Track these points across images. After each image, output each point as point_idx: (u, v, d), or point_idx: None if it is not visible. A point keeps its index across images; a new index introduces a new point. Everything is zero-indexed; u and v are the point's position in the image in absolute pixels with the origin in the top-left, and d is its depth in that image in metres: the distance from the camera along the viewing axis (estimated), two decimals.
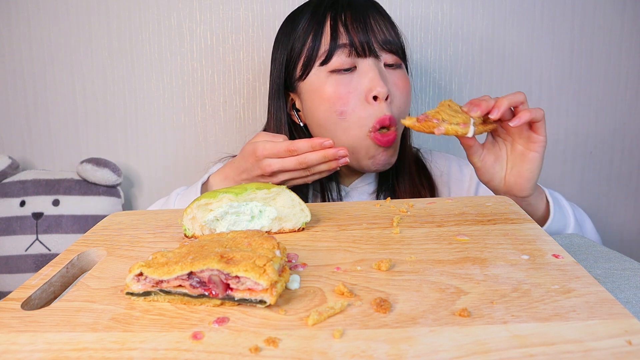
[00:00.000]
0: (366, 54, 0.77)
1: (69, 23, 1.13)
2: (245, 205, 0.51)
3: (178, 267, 0.38)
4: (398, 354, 0.31)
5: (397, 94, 0.79)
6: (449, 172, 0.91)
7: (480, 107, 0.63)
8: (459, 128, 0.62)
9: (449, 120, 0.62)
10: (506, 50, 1.12)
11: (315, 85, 0.79)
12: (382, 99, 0.75)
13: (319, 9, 0.80)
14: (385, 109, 0.76)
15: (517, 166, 0.68)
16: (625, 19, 1.11)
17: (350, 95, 0.76)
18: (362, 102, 0.76)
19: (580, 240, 0.65)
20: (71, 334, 0.35)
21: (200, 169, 1.17)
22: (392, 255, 0.45)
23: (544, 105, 1.14)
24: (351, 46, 0.76)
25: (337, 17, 0.78)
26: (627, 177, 1.18)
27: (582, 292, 0.37)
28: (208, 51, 1.13)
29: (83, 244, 0.53)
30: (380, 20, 0.79)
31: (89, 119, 1.17)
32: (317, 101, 0.79)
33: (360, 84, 0.76)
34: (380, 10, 0.81)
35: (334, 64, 0.77)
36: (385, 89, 0.75)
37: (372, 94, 0.76)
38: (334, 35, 0.77)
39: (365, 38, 0.76)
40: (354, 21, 0.77)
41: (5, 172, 1.10)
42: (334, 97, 0.77)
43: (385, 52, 0.78)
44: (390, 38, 0.79)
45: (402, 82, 0.80)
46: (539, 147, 0.66)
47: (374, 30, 0.77)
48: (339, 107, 0.77)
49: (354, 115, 0.76)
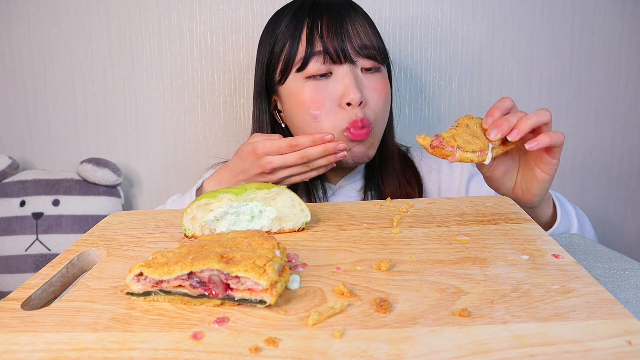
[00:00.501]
0: (341, 60, 0.78)
1: (69, 23, 1.13)
2: (245, 205, 0.51)
3: (178, 267, 0.38)
4: (398, 354, 0.31)
5: (374, 98, 0.80)
6: (439, 170, 0.92)
7: (502, 128, 0.59)
8: (475, 157, 0.58)
9: (465, 148, 0.58)
10: (506, 50, 1.12)
11: (292, 90, 0.81)
12: (355, 105, 0.77)
13: (298, 13, 0.81)
14: (358, 113, 0.77)
15: (526, 182, 0.67)
16: (625, 19, 1.11)
17: (324, 101, 0.78)
18: (335, 107, 0.78)
19: (580, 240, 0.65)
20: (71, 334, 0.35)
21: (200, 169, 1.17)
22: (392, 255, 0.45)
23: (544, 105, 1.14)
24: (326, 53, 0.77)
25: (313, 23, 0.78)
26: (626, 177, 1.18)
27: (582, 292, 0.37)
28: (208, 51, 1.13)
29: (83, 244, 0.53)
30: (359, 25, 0.79)
31: (89, 119, 1.17)
32: (295, 105, 0.81)
33: (335, 90, 0.78)
34: (359, 13, 0.82)
35: (310, 70, 0.78)
36: (359, 95, 0.76)
37: (345, 100, 0.77)
38: (309, 42, 0.78)
39: (340, 45, 0.77)
40: (329, 28, 0.78)
41: (5, 172, 1.10)
42: (309, 101, 0.79)
43: (361, 57, 0.79)
44: (367, 42, 0.79)
45: (379, 86, 0.81)
46: (551, 170, 0.65)
47: (351, 35, 0.78)
48: (313, 111, 0.79)
49: (328, 118, 0.78)
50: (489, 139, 0.60)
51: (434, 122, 1.15)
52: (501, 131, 0.59)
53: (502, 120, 0.61)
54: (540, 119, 0.61)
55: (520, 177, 0.68)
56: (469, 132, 0.60)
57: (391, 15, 1.11)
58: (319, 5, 0.80)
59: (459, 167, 0.92)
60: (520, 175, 0.68)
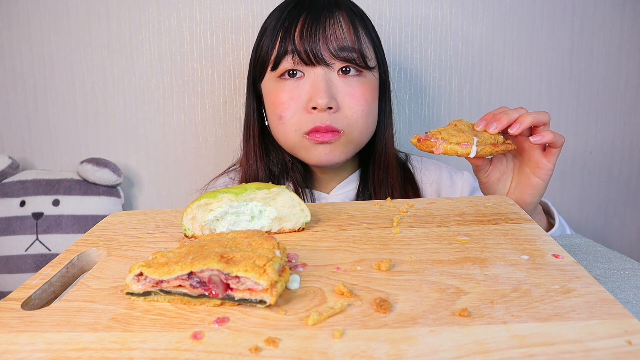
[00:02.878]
0: (312, 62, 0.76)
1: (69, 23, 1.13)
2: (245, 205, 0.51)
3: (178, 267, 0.38)
4: (398, 354, 0.31)
5: (351, 103, 0.77)
6: (439, 181, 0.91)
7: (501, 122, 0.60)
8: (459, 148, 0.59)
9: (448, 140, 0.60)
10: (506, 50, 1.12)
11: (268, 89, 0.81)
12: (321, 109, 0.75)
13: (282, 11, 0.79)
14: (324, 118, 0.76)
15: (520, 188, 0.67)
16: (625, 19, 1.11)
17: (291, 102, 0.77)
18: (301, 110, 0.77)
19: (580, 240, 0.65)
20: (71, 334, 0.35)
21: (201, 169, 1.17)
22: (392, 255, 0.45)
23: (544, 105, 1.14)
24: (296, 54, 0.76)
25: (292, 22, 0.76)
26: (626, 177, 1.18)
27: (582, 292, 0.37)
28: (208, 51, 1.13)
29: (83, 244, 0.53)
30: (339, 26, 0.76)
31: (89, 119, 1.17)
32: (268, 104, 0.81)
33: (304, 93, 0.77)
34: (345, 13, 0.78)
35: (280, 70, 0.78)
36: (326, 100, 0.74)
37: (311, 104, 0.76)
38: (282, 41, 0.76)
39: (312, 46, 0.75)
40: (304, 28, 0.75)
41: (5, 172, 1.10)
42: (276, 102, 0.78)
43: (338, 60, 0.76)
44: (346, 44, 0.75)
45: (358, 91, 0.77)
46: (545, 175, 0.65)
47: (327, 37, 0.75)
48: (279, 112, 0.78)
49: (292, 120, 0.78)
50: (489, 132, 0.61)
51: (434, 122, 1.15)
52: (500, 124, 0.60)
53: (502, 114, 0.62)
54: (540, 118, 0.61)
55: (515, 183, 0.68)
56: (456, 129, 0.62)
57: (391, 15, 1.11)
58: (301, 4, 0.78)
59: (460, 181, 0.91)
60: (515, 181, 0.68)
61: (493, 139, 0.61)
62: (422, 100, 1.15)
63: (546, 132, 0.61)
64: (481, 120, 0.63)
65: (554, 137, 0.61)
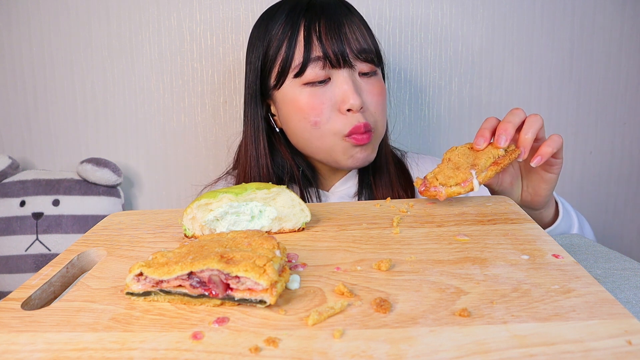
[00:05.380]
0: (340, 65, 0.76)
1: (69, 23, 1.13)
2: (245, 205, 0.51)
3: (178, 267, 0.38)
4: (398, 354, 0.31)
5: (372, 102, 0.78)
6: None
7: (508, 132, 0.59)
8: (460, 189, 0.57)
9: (447, 184, 0.57)
10: (506, 50, 1.12)
11: (289, 96, 0.79)
12: (355, 110, 0.76)
13: (292, 13, 0.78)
14: (359, 118, 0.76)
15: (534, 185, 0.68)
16: (625, 19, 1.11)
17: (323, 107, 0.76)
18: (335, 113, 0.77)
19: (580, 240, 0.65)
20: (71, 334, 0.35)
21: (201, 168, 1.17)
22: (392, 255, 0.45)
23: (544, 105, 1.14)
24: (325, 58, 0.75)
25: (310, 26, 0.76)
26: (626, 177, 1.18)
27: (582, 292, 0.37)
28: (208, 51, 1.13)
29: (83, 244, 0.53)
30: (356, 28, 0.77)
31: (89, 119, 1.17)
32: (292, 111, 0.79)
33: (334, 96, 0.76)
34: (356, 15, 0.79)
35: (308, 76, 0.76)
36: (359, 101, 0.75)
37: (345, 106, 0.75)
38: (307, 46, 0.75)
39: (340, 49, 0.75)
40: (328, 31, 0.75)
41: (5, 172, 1.10)
42: (307, 108, 0.77)
43: (360, 61, 0.77)
44: (365, 46, 0.77)
45: (377, 90, 0.79)
46: (556, 169, 0.66)
47: (349, 39, 0.75)
48: (313, 118, 0.77)
49: (328, 125, 0.77)
50: (499, 146, 0.59)
51: (434, 122, 1.15)
52: (508, 135, 0.59)
53: (505, 123, 0.60)
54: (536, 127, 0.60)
55: (526, 182, 0.69)
56: (450, 166, 0.59)
57: (391, 15, 1.11)
58: (314, 6, 0.77)
59: None
60: (526, 181, 0.69)
61: (493, 157, 0.58)
62: (421, 100, 1.15)
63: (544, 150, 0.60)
64: (479, 137, 0.60)
65: (552, 150, 0.60)
